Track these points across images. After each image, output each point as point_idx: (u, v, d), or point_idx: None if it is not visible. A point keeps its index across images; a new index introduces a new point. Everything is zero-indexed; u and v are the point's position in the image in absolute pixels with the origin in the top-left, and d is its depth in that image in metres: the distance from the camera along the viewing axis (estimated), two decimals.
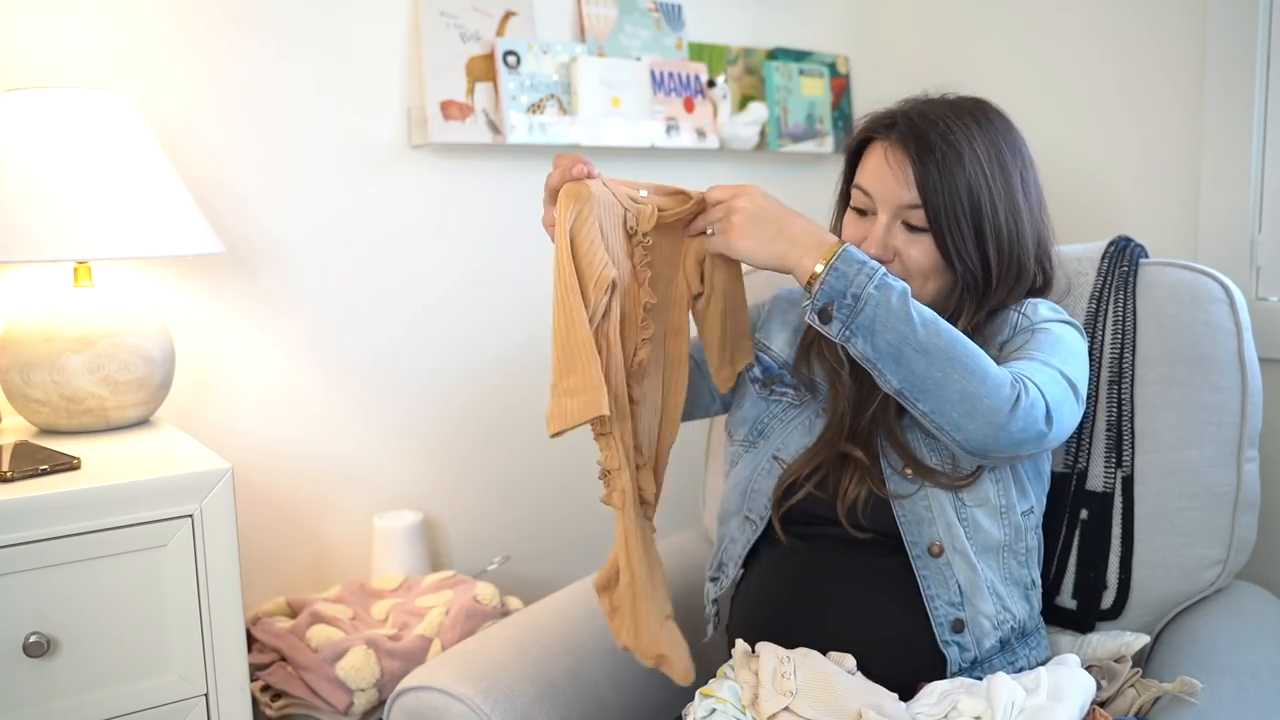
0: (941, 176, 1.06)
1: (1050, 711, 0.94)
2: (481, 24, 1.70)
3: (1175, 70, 1.70)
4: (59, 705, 1.07)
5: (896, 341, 0.96)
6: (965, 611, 1.06)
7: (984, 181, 1.07)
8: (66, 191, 1.22)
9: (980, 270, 1.09)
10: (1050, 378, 1.02)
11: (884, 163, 1.09)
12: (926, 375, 0.97)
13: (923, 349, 0.96)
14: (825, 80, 2.10)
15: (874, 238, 1.09)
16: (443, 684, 1.12)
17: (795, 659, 1.01)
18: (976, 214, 1.07)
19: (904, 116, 1.10)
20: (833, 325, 0.98)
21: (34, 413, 1.28)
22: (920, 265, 1.09)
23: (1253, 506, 1.25)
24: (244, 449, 1.57)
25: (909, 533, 1.07)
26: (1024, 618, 1.10)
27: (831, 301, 0.97)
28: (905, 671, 1.04)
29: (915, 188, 1.07)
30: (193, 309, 1.53)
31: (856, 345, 0.98)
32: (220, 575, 1.14)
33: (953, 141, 1.07)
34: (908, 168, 1.07)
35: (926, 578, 1.06)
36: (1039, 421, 0.98)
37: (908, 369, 0.97)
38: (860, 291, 0.97)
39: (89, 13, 1.42)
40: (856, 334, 0.97)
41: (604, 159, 1.88)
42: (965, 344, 0.98)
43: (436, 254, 1.74)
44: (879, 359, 0.98)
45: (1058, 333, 1.10)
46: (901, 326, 0.96)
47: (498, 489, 1.84)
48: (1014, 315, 1.12)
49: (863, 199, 1.12)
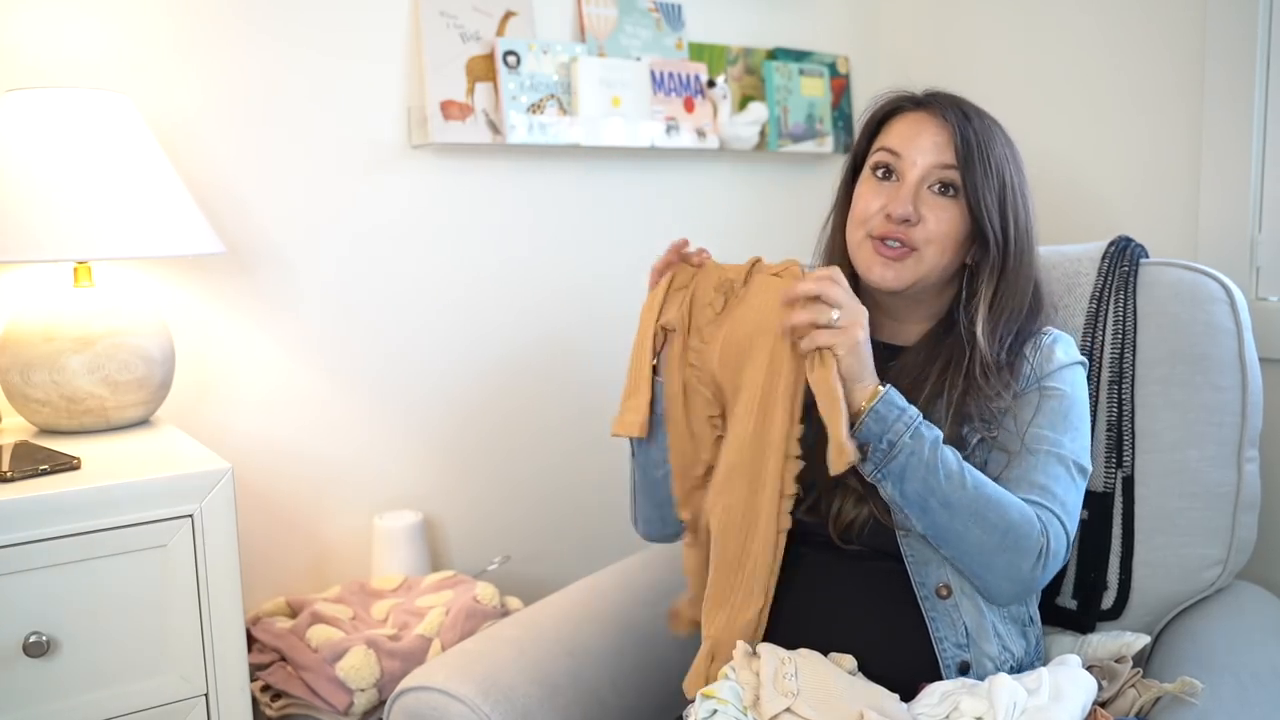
0: (978, 144, 1.08)
1: (1051, 712, 0.94)
2: (481, 24, 1.70)
3: (1176, 70, 1.70)
4: (59, 705, 1.07)
5: (923, 492, 0.99)
6: (970, 653, 1.05)
7: (1009, 164, 1.11)
8: (66, 191, 1.22)
9: (1000, 242, 1.10)
10: (1066, 486, 1.06)
11: (919, 125, 1.11)
12: (949, 528, 1.00)
13: (946, 502, 0.99)
14: (825, 80, 2.10)
15: (904, 195, 1.08)
16: (443, 684, 1.12)
17: (796, 660, 1.01)
18: (1002, 188, 1.09)
19: (931, 92, 1.14)
20: (867, 465, 1.01)
21: (34, 413, 1.28)
22: (942, 232, 1.09)
23: (1253, 506, 1.25)
24: (244, 449, 1.56)
25: (916, 573, 1.06)
26: (1021, 655, 1.09)
27: (868, 443, 0.99)
28: (905, 672, 1.04)
29: (952, 149, 1.08)
30: (193, 309, 1.53)
31: (886, 488, 1.01)
32: (220, 575, 1.14)
33: (986, 122, 1.12)
34: (945, 131, 1.09)
35: (935, 619, 1.05)
36: (1060, 558, 1.04)
37: (931, 519, 1.01)
38: (896, 439, 0.98)
39: (89, 13, 1.42)
40: (887, 479, 1.00)
41: (604, 159, 1.88)
42: (992, 498, 1.00)
43: (437, 254, 1.74)
44: (906, 505, 1.01)
45: (1068, 394, 1.10)
46: (929, 478, 0.99)
47: (498, 489, 1.84)
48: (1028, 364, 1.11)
49: (889, 158, 1.12)
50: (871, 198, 1.12)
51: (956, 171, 1.08)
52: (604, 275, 1.91)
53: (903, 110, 1.15)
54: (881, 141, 1.14)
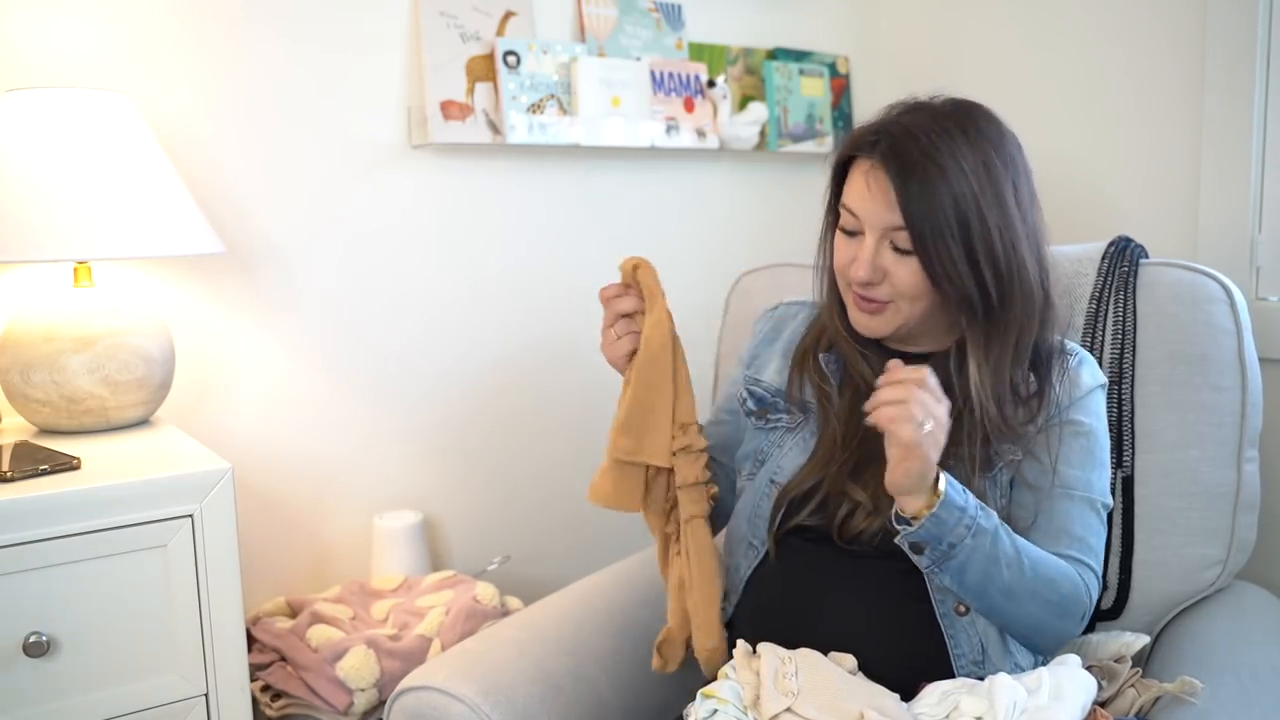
0: (924, 196, 1.01)
1: (1052, 712, 0.94)
2: (481, 24, 1.70)
3: (1176, 70, 1.70)
4: (59, 705, 1.07)
5: (983, 582, 1.01)
6: (985, 670, 1.05)
7: (971, 196, 1.02)
8: (66, 191, 1.22)
9: (976, 290, 1.04)
10: (1098, 534, 1.09)
11: (866, 184, 1.05)
12: (1005, 609, 1.03)
13: (1006, 591, 1.02)
14: (825, 80, 2.10)
15: (862, 260, 1.06)
16: (443, 684, 1.12)
17: (797, 660, 1.01)
18: (965, 231, 1.01)
19: (885, 133, 1.05)
20: (922, 559, 1.01)
21: (34, 413, 1.28)
22: (908, 287, 1.06)
23: (1253, 506, 1.25)
24: (244, 449, 1.56)
25: (936, 590, 1.06)
26: (1028, 668, 1.09)
27: (926, 543, 0.99)
28: (905, 672, 1.04)
29: (898, 209, 1.03)
30: (193, 309, 1.53)
31: (943, 580, 1.03)
32: (220, 575, 1.14)
33: (934, 157, 1.01)
34: (889, 188, 1.02)
35: (954, 636, 1.06)
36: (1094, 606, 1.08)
37: (989, 604, 1.03)
38: (957, 541, 0.99)
39: (90, 13, 1.42)
40: (945, 573, 1.01)
41: (604, 159, 1.88)
42: (1045, 576, 1.03)
43: (436, 254, 1.74)
44: (963, 592, 1.03)
45: (1094, 430, 1.11)
46: (989, 569, 1.00)
47: (498, 489, 1.84)
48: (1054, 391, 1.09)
49: (850, 219, 1.09)
50: (843, 250, 1.10)
51: (903, 232, 1.03)
52: (604, 275, 1.89)
53: (858, 157, 1.08)
54: (845, 198, 1.10)
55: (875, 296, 1.08)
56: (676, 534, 1.15)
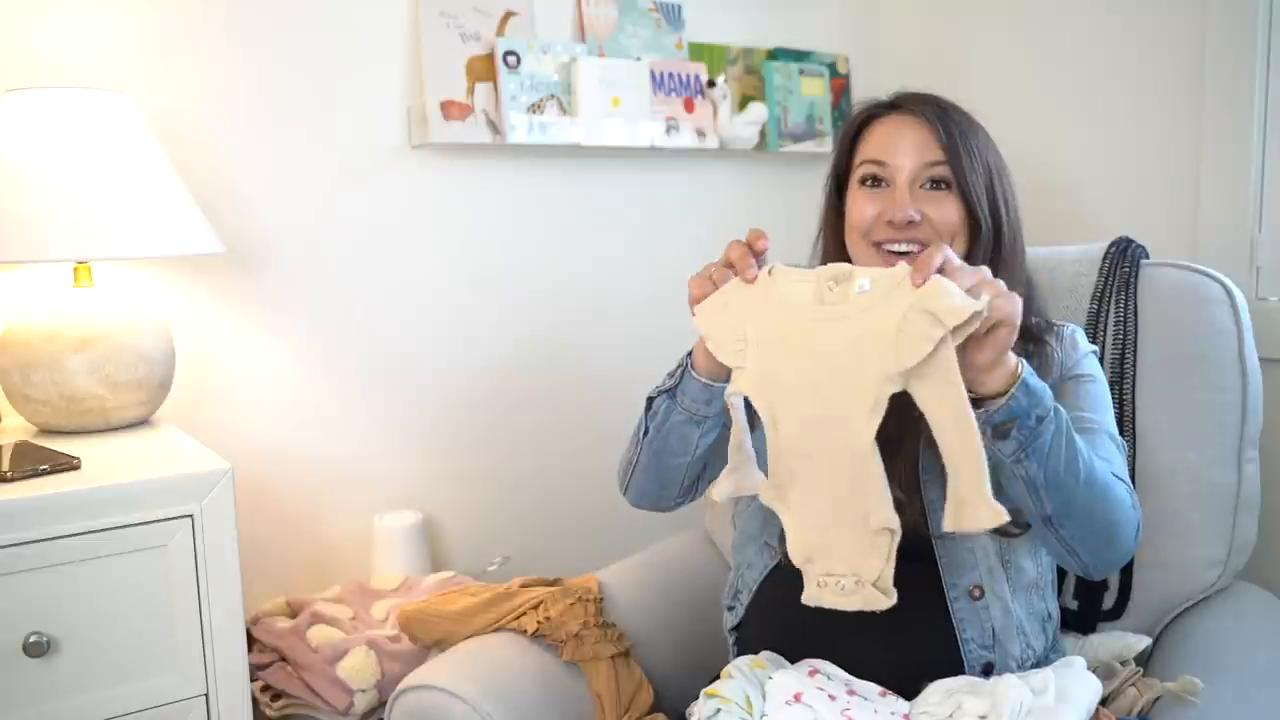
0: (960, 134, 1.09)
1: (1057, 713, 0.94)
2: (481, 24, 1.70)
3: (1175, 70, 1.70)
4: (59, 705, 1.07)
5: (1067, 463, 0.95)
6: (995, 654, 1.05)
7: (990, 151, 1.12)
8: (66, 191, 1.21)
9: (993, 227, 1.10)
10: (1122, 463, 1.06)
11: (898, 129, 1.11)
12: (1083, 504, 0.97)
13: (1087, 476, 0.96)
14: (825, 80, 2.10)
15: (901, 199, 1.08)
16: (444, 683, 1.12)
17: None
18: (989, 174, 1.10)
19: (901, 96, 1.14)
20: (1009, 443, 0.94)
21: (34, 413, 1.28)
22: (948, 223, 1.08)
23: (1253, 507, 1.25)
24: (244, 449, 1.56)
25: (949, 574, 1.06)
26: (1042, 651, 1.09)
27: (1014, 419, 0.93)
28: (912, 666, 1.03)
29: (937, 145, 1.08)
30: (193, 309, 1.53)
31: (1028, 468, 0.94)
32: (220, 575, 1.14)
33: (963, 113, 1.12)
34: (924, 129, 1.09)
35: (964, 621, 1.05)
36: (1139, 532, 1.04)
37: (1067, 496, 0.96)
38: (1045, 414, 0.93)
39: (89, 13, 1.42)
40: (1031, 457, 0.94)
41: (604, 159, 1.88)
42: (1104, 472, 0.99)
43: (436, 254, 1.74)
44: (1046, 485, 0.95)
45: (1099, 379, 1.11)
46: (1070, 452, 0.95)
47: (498, 489, 1.84)
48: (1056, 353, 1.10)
49: (874, 169, 1.11)
50: (866, 206, 1.11)
51: (944, 166, 1.08)
52: (604, 275, 1.91)
53: (877, 118, 1.14)
54: (863, 153, 1.13)
55: (916, 237, 1.08)
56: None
